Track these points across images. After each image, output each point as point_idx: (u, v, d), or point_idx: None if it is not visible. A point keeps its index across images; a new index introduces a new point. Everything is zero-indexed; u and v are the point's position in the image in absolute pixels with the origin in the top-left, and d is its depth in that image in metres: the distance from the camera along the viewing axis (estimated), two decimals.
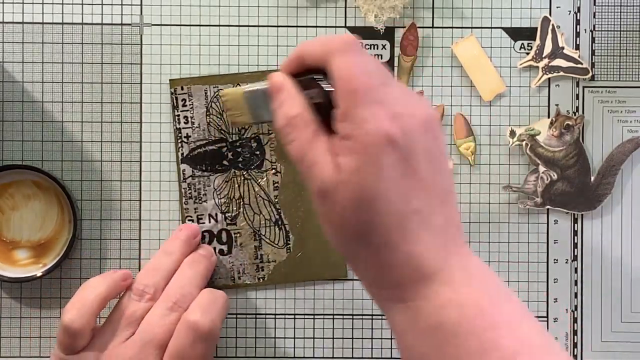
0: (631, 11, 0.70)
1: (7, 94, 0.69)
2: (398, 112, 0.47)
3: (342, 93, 0.48)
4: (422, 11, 0.70)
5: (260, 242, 0.69)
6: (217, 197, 0.69)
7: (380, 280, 0.49)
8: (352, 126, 0.47)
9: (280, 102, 0.52)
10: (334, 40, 0.50)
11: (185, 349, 0.61)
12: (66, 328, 0.61)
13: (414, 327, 0.48)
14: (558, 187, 0.69)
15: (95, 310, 0.61)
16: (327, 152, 0.49)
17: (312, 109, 0.51)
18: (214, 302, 0.63)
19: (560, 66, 0.69)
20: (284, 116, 0.51)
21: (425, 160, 0.48)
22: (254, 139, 0.69)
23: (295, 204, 0.69)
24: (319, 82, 0.51)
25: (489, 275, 0.50)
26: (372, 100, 0.47)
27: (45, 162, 0.69)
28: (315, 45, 0.51)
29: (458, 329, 0.47)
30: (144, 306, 0.63)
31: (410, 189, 0.47)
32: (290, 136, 0.50)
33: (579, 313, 0.70)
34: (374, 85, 0.48)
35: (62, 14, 0.69)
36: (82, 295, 0.62)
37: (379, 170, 0.47)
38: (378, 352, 0.70)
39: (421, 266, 0.48)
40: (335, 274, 0.70)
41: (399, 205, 0.47)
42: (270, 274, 0.69)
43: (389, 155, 0.47)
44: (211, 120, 0.69)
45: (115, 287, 0.63)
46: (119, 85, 0.69)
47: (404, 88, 0.51)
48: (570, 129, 0.69)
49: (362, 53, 0.50)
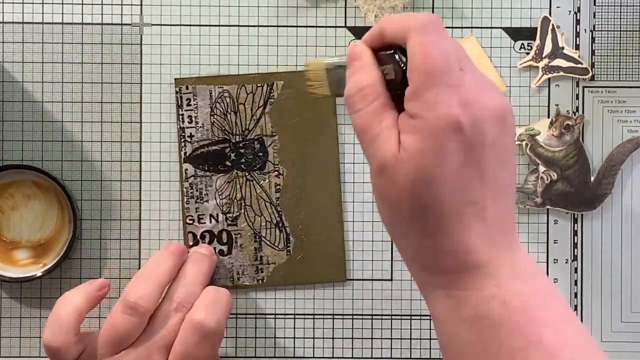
0: (631, 11, 0.70)
1: (7, 94, 0.69)
2: (471, 99, 0.46)
3: (416, 72, 0.47)
4: (422, 11, 0.70)
5: (260, 244, 0.69)
6: (218, 197, 0.69)
7: (426, 264, 0.49)
8: (422, 106, 0.47)
9: (354, 71, 0.50)
10: (415, 17, 0.49)
11: (191, 349, 0.61)
12: (46, 347, 0.60)
13: (456, 316, 0.48)
14: (558, 187, 0.69)
15: (72, 325, 0.60)
16: (392, 128, 0.48)
17: (385, 84, 0.50)
18: (218, 301, 0.62)
19: (560, 66, 0.70)
20: (355, 85, 0.50)
21: (491, 152, 0.47)
22: (257, 141, 0.69)
23: (296, 206, 0.69)
24: (395, 58, 0.50)
25: (537, 273, 0.49)
26: (446, 83, 0.46)
27: (45, 162, 0.69)
28: (395, 21, 0.50)
29: (500, 324, 0.46)
30: (136, 323, 0.61)
31: (471, 179, 0.47)
32: (358, 105, 0.49)
33: (579, 313, 0.70)
34: (450, 68, 0.47)
35: (62, 14, 0.69)
36: (57, 312, 0.61)
37: (441, 155, 0.46)
38: (378, 352, 0.70)
39: (469, 256, 0.47)
40: (334, 277, 0.70)
41: (456, 193, 0.47)
42: (270, 276, 0.69)
43: (455, 142, 0.46)
44: (215, 120, 0.69)
45: (91, 298, 0.62)
46: (119, 85, 0.69)
47: (480, 75, 0.49)
48: (570, 129, 0.69)
49: (442, 33, 0.48)
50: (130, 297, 0.61)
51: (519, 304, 0.47)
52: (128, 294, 0.61)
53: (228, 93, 0.69)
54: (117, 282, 0.69)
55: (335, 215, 0.69)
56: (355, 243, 0.70)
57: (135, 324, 0.61)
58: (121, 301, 0.61)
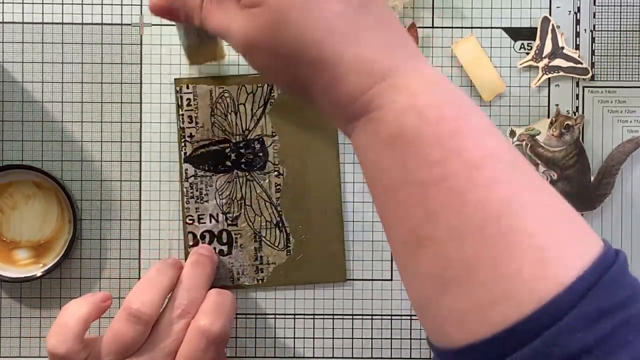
0: (631, 11, 0.70)
1: (7, 94, 0.69)
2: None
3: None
4: (422, 11, 0.70)
5: (260, 244, 0.69)
6: (218, 197, 0.69)
7: (337, 101, 0.48)
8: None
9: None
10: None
11: (197, 354, 0.60)
12: (51, 354, 0.60)
13: (375, 140, 0.46)
14: (558, 187, 0.69)
15: (78, 333, 0.60)
16: (237, 9, 0.50)
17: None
18: (223, 305, 0.62)
19: (560, 66, 0.70)
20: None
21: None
22: (257, 141, 0.69)
23: (297, 206, 0.69)
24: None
25: (450, 85, 0.47)
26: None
27: (45, 162, 0.69)
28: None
29: (419, 136, 0.44)
30: (140, 331, 0.60)
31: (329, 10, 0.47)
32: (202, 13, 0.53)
33: None
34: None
35: (62, 14, 0.69)
36: (63, 320, 0.60)
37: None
38: (378, 352, 0.70)
39: (372, 68, 0.46)
40: (334, 278, 0.70)
41: (320, 11, 0.46)
42: (270, 276, 0.69)
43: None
44: (216, 120, 0.69)
45: (96, 308, 0.61)
46: (119, 85, 0.69)
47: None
48: (570, 129, 0.69)
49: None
50: (133, 305, 0.60)
51: (435, 114, 0.45)
52: (131, 302, 0.60)
53: (228, 93, 0.69)
54: (117, 282, 0.69)
55: (335, 215, 0.69)
56: (355, 243, 0.70)
57: (140, 331, 0.60)
58: (124, 309, 0.60)
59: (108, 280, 0.69)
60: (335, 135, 0.69)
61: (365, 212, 0.70)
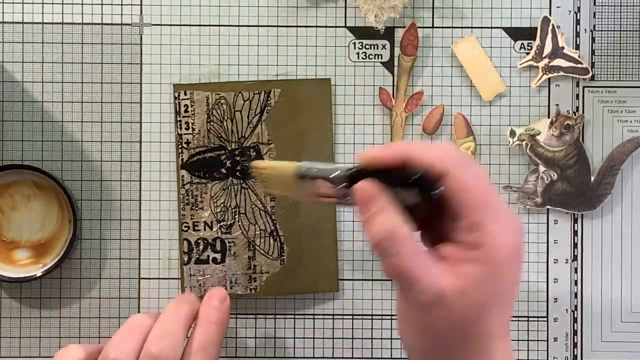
0: (631, 11, 0.70)
1: (7, 94, 0.69)
2: (516, 224, 0.49)
3: (471, 204, 0.48)
4: (422, 11, 0.70)
5: (254, 253, 0.69)
6: (213, 205, 0.69)
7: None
8: (484, 237, 0.48)
9: (372, 216, 0.49)
10: (454, 150, 0.50)
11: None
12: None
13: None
14: (558, 187, 0.69)
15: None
16: (437, 262, 0.49)
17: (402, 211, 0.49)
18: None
19: (560, 66, 0.69)
20: (381, 230, 0.48)
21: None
22: (253, 149, 0.69)
23: (291, 215, 0.69)
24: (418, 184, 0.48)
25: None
26: (498, 211, 0.49)
27: (45, 162, 0.69)
28: (432, 151, 0.49)
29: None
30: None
31: (512, 297, 0.51)
32: (392, 250, 0.48)
33: (579, 313, 0.70)
34: (495, 198, 0.49)
35: (62, 14, 0.69)
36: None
37: (503, 279, 0.48)
38: (378, 352, 0.70)
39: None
40: (326, 288, 0.69)
41: (504, 313, 0.50)
42: (263, 286, 0.69)
43: (516, 264, 0.49)
44: (211, 127, 0.69)
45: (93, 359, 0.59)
46: (119, 85, 0.69)
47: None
48: (570, 129, 0.69)
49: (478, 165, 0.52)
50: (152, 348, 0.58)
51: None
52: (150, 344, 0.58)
53: (225, 100, 0.68)
54: (117, 282, 0.69)
55: (329, 225, 0.69)
56: (355, 243, 0.70)
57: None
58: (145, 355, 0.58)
59: (108, 280, 0.69)
60: (331, 143, 0.69)
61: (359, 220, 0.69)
